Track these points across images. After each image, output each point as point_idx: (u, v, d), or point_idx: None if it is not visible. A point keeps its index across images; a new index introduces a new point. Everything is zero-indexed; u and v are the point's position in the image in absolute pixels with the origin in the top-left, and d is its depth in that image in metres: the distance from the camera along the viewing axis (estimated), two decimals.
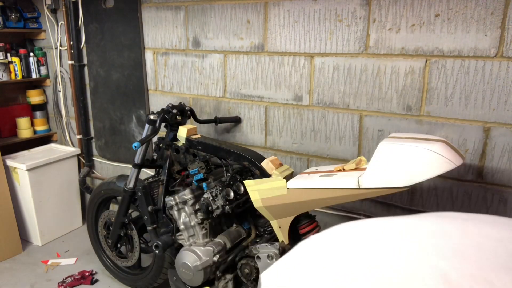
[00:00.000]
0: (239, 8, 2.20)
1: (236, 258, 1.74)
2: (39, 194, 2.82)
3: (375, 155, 1.39)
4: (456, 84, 1.73)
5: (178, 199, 1.81)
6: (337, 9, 1.92)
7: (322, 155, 2.13)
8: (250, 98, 2.29)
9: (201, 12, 2.33)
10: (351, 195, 1.40)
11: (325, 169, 1.65)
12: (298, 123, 2.16)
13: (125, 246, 2.27)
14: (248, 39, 2.21)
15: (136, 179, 2.06)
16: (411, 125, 1.86)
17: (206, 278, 1.68)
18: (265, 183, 1.61)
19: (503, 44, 1.61)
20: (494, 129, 1.69)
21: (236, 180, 1.77)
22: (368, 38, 1.88)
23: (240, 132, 2.37)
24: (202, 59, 2.40)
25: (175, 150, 2.01)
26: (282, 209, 1.58)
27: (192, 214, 1.78)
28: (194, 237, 1.80)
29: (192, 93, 2.51)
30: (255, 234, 1.84)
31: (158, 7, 2.49)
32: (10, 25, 2.89)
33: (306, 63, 2.06)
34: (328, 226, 2.15)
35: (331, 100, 2.03)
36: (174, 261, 1.79)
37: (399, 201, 1.96)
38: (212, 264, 1.67)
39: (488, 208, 1.77)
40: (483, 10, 1.62)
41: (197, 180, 1.84)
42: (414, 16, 1.76)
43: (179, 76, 2.53)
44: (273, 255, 1.58)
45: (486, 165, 1.74)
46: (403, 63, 1.82)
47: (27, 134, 3.09)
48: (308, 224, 1.64)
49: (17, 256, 2.77)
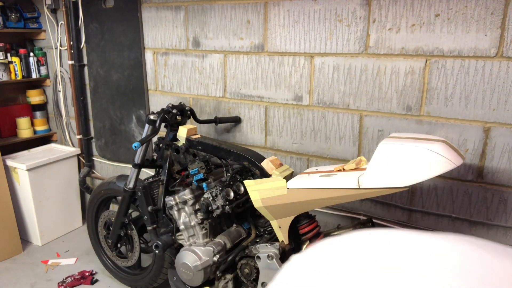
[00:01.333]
0: (239, 8, 2.20)
1: (236, 258, 1.74)
2: (39, 194, 2.82)
3: (375, 155, 1.39)
4: (456, 84, 1.73)
5: (178, 199, 1.81)
6: (337, 9, 1.92)
7: (322, 155, 2.13)
8: (250, 98, 2.29)
9: (201, 12, 2.33)
10: (351, 195, 1.40)
11: (325, 169, 1.65)
12: (298, 123, 2.16)
13: (125, 246, 2.27)
14: (248, 39, 2.21)
15: (136, 179, 2.06)
16: (411, 125, 1.86)
17: (206, 278, 1.68)
18: (265, 183, 1.61)
19: (503, 44, 1.61)
20: (494, 129, 1.69)
21: (236, 180, 1.77)
22: (368, 38, 1.88)
23: (240, 132, 2.37)
24: (202, 59, 2.40)
25: (175, 150, 2.01)
26: (282, 209, 1.58)
27: (192, 214, 1.78)
28: (194, 237, 1.80)
29: (192, 93, 2.51)
30: (255, 234, 1.84)
31: (158, 7, 2.49)
32: (10, 25, 2.89)
33: (306, 63, 2.06)
34: (328, 226, 2.15)
35: (331, 100, 2.03)
36: (174, 261, 1.79)
37: (399, 201, 1.96)
38: (212, 264, 1.67)
39: (488, 208, 1.77)
40: (483, 10, 1.62)
41: (197, 180, 1.84)
42: (414, 16, 1.76)
43: (179, 76, 2.53)
44: (273, 255, 1.58)
45: (486, 165, 1.74)
46: (403, 63, 1.82)
47: (27, 134, 3.09)
48: (308, 224, 1.64)
49: (17, 256, 2.77)
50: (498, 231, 1.77)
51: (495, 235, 1.78)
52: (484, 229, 1.80)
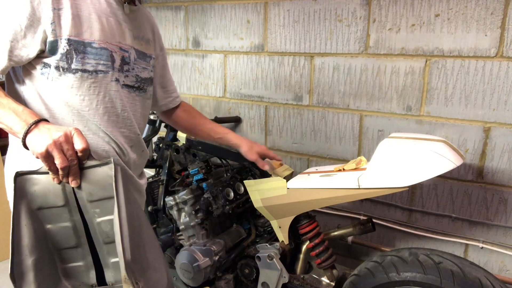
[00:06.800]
0: (239, 8, 2.20)
1: (236, 258, 1.74)
2: None
3: (375, 155, 1.39)
4: (456, 84, 1.73)
5: (178, 199, 1.81)
6: (337, 9, 1.92)
7: (322, 155, 2.13)
8: (250, 98, 2.29)
9: (201, 12, 2.33)
10: (351, 195, 1.40)
11: (325, 169, 1.65)
12: (298, 123, 2.16)
13: None
14: (248, 39, 2.21)
15: None
16: (411, 125, 1.86)
17: (206, 278, 1.68)
18: (265, 183, 1.61)
19: (503, 44, 1.61)
20: (494, 129, 1.69)
21: (236, 180, 1.77)
22: (368, 38, 1.88)
23: (240, 132, 2.37)
24: (202, 59, 2.40)
25: (175, 150, 2.01)
26: (282, 209, 1.58)
27: (192, 214, 1.78)
28: (194, 237, 1.80)
29: (192, 93, 2.51)
30: (255, 234, 1.84)
31: (158, 7, 2.49)
32: None
33: (306, 63, 2.06)
34: (328, 226, 2.15)
35: (331, 100, 2.03)
36: (174, 261, 1.79)
37: (399, 201, 1.96)
38: (212, 264, 1.67)
39: (488, 208, 1.77)
40: (483, 10, 1.62)
41: (197, 180, 1.84)
42: (414, 16, 1.76)
43: (179, 76, 2.53)
44: (273, 255, 1.58)
45: (486, 165, 1.74)
46: (403, 63, 1.82)
47: None
48: (308, 224, 1.64)
49: None
50: (498, 231, 1.77)
51: (495, 235, 1.78)
52: (484, 229, 1.80)
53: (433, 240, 1.91)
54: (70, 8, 1.01)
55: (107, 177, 0.91)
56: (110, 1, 1.10)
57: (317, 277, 1.67)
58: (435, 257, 1.30)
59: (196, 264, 1.66)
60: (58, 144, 0.85)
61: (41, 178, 0.91)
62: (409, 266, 1.31)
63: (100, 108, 1.09)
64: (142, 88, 1.22)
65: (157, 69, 1.36)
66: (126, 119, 1.16)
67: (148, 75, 1.25)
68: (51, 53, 1.00)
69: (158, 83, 1.40)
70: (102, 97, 1.09)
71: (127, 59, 1.14)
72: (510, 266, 1.77)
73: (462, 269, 1.25)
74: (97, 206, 0.93)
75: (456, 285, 1.23)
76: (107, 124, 1.11)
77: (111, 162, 0.91)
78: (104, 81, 1.08)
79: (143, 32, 1.23)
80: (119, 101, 1.13)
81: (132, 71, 1.17)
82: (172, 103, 1.50)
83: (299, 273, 1.70)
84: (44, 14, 0.97)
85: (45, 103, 1.05)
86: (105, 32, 1.07)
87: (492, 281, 1.22)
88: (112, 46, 1.09)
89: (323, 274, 1.65)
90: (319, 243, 1.62)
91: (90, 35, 1.04)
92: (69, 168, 0.88)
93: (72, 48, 1.01)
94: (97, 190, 0.92)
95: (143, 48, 1.22)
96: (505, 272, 1.79)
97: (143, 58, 1.22)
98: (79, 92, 1.05)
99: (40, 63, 1.02)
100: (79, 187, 0.91)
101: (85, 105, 1.06)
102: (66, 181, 0.90)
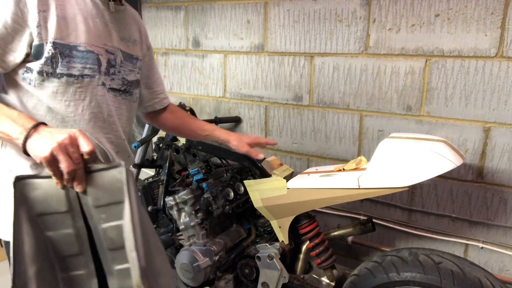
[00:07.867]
0: (239, 8, 2.20)
1: (236, 258, 1.74)
2: None
3: (375, 155, 1.39)
4: (456, 84, 1.73)
5: (178, 199, 1.81)
6: (337, 9, 1.92)
7: (322, 155, 2.13)
8: (250, 98, 2.29)
9: (201, 12, 2.33)
10: (351, 195, 1.40)
11: (325, 169, 1.65)
12: (298, 123, 2.16)
13: None
14: (248, 39, 2.21)
15: (136, 179, 2.06)
16: (411, 125, 1.86)
17: (206, 278, 1.68)
18: (265, 183, 1.61)
19: (503, 44, 1.61)
20: (494, 129, 1.69)
21: (236, 180, 1.77)
22: (368, 38, 1.88)
23: (240, 132, 2.37)
24: (202, 59, 2.40)
25: (175, 150, 2.01)
26: (282, 209, 1.58)
27: (192, 214, 1.78)
28: (194, 237, 1.80)
29: (192, 93, 2.51)
30: (255, 234, 1.84)
31: (158, 7, 2.49)
32: None
33: (306, 63, 2.06)
34: (328, 226, 2.15)
35: (331, 100, 2.03)
36: (174, 261, 1.79)
37: (399, 201, 1.96)
38: (212, 264, 1.67)
39: (488, 208, 1.77)
40: (483, 10, 1.62)
41: (197, 180, 1.84)
42: (414, 16, 1.76)
43: (179, 76, 2.53)
44: (273, 255, 1.58)
45: (486, 165, 1.74)
46: (403, 63, 1.82)
47: None
48: (308, 224, 1.64)
49: None
50: (498, 231, 1.77)
51: (495, 235, 1.78)
52: (484, 229, 1.80)
53: (433, 240, 1.91)
54: (55, 10, 0.96)
55: (115, 181, 0.86)
56: (96, 1, 1.06)
57: (317, 277, 1.67)
58: (435, 257, 1.30)
59: (196, 264, 1.66)
60: (63, 146, 0.81)
61: (43, 183, 0.86)
62: (409, 266, 1.31)
63: (86, 114, 1.04)
64: (129, 91, 1.18)
65: (143, 70, 1.31)
66: (112, 124, 1.12)
67: (135, 78, 1.21)
68: (36, 57, 0.95)
69: (144, 83, 1.35)
70: (88, 102, 1.04)
71: (113, 61, 1.10)
72: (510, 266, 1.77)
73: (462, 269, 1.25)
74: (103, 211, 0.88)
75: (456, 285, 1.23)
76: (92, 130, 1.06)
77: (120, 165, 0.86)
78: (90, 85, 1.04)
79: (129, 33, 1.19)
80: (105, 105, 1.09)
81: (119, 74, 1.13)
82: (158, 104, 1.44)
83: (299, 273, 1.70)
84: (31, 17, 0.93)
85: (27, 110, 0.99)
86: (91, 34, 1.03)
87: (492, 281, 1.22)
88: (98, 48, 1.05)
89: (323, 274, 1.65)
90: (319, 243, 1.62)
91: (75, 38, 1.00)
92: (75, 172, 0.83)
93: (58, 51, 0.96)
94: (104, 194, 0.87)
95: (130, 49, 1.18)
96: (505, 272, 1.79)
97: (130, 60, 1.18)
98: (64, 97, 1.00)
99: (23, 67, 0.97)
100: (84, 191, 0.86)
101: (70, 111, 1.02)
102: (71, 186, 0.85)
